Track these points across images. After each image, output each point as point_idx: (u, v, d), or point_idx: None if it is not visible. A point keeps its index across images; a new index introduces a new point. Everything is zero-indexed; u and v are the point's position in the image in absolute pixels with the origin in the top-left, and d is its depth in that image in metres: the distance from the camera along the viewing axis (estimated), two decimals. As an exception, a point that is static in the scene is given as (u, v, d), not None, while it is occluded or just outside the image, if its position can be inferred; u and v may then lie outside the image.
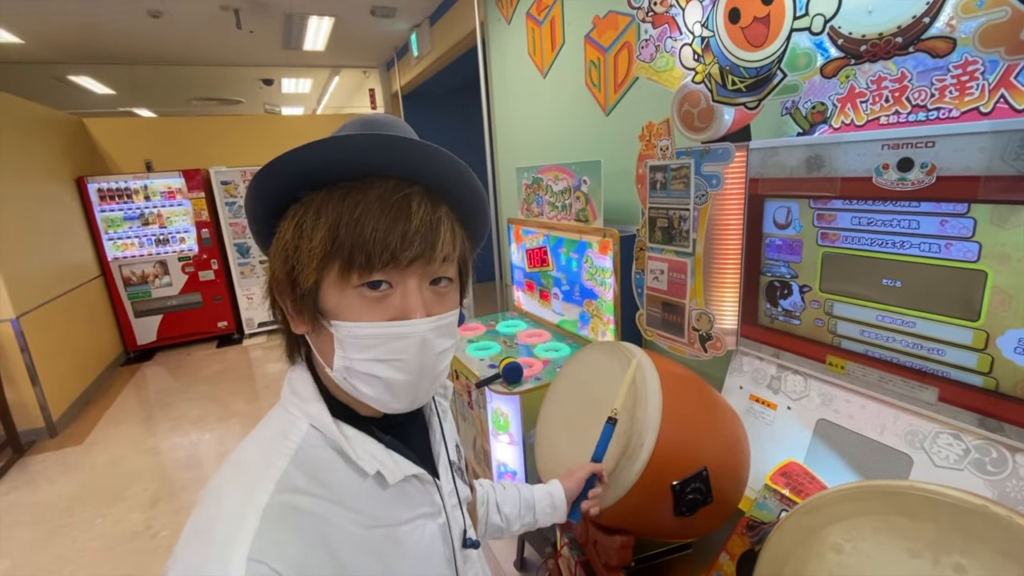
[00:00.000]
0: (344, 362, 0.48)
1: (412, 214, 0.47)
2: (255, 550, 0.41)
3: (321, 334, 0.49)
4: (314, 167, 0.47)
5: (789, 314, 1.14)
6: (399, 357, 0.48)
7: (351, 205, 0.46)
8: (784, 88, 1.00)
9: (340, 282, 0.47)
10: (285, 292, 0.50)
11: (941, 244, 0.86)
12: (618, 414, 0.84)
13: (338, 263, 0.46)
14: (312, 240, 0.46)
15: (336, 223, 0.46)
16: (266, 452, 0.48)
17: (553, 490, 0.86)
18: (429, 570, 0.55)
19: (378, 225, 0.45)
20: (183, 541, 0.44)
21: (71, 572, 2.17)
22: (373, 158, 0.47)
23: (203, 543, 0.42)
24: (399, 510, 0.53)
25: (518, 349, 2.20)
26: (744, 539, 0.95)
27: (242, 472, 0.48)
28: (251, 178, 0.48)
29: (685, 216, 1.30)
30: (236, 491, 0.45)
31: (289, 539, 0.43)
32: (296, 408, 0.52)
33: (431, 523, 0.56)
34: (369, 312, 0.47)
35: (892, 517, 0.56)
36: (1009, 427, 0.80)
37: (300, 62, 5.33)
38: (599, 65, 2.06)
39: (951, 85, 0.83)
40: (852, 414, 1.03)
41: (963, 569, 0.51)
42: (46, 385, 3.39)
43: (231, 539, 0.41)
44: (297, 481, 0.46)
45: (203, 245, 4.98)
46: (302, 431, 0.50)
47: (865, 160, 0.92)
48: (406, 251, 0.46)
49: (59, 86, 5.32)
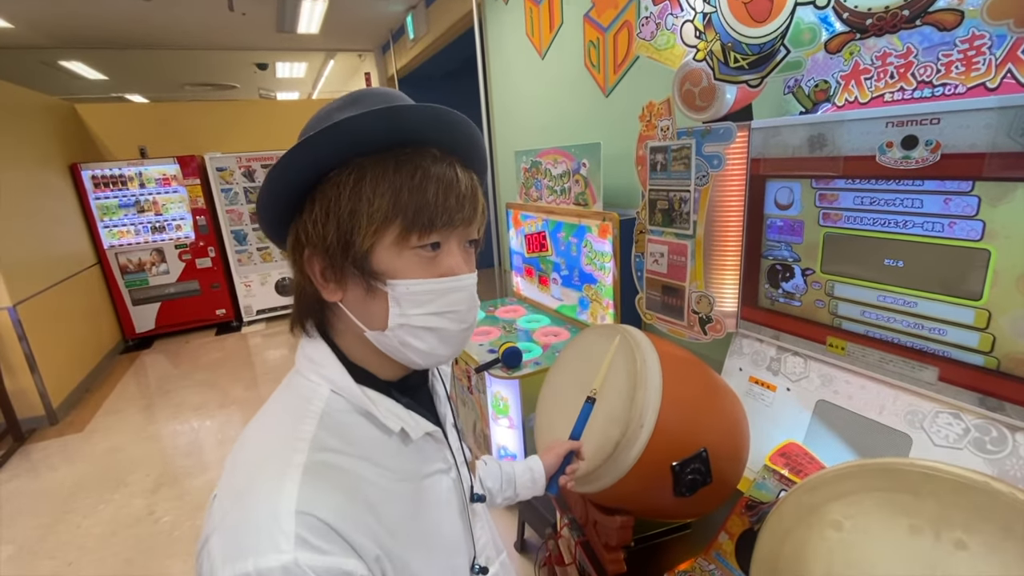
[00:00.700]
0: (400, 319, 0.51)
1: (459, 181, 0.52)
2: (302, 503, 0.43)
3: (374, 296, 0.51)
4: (367, 135, 0.49)
5: (790, 296, 1.13)
6: (454, 309, 0.53)
7: (410, 172, 0.49)
8: (787, 65, 0.98)
9: (398, 244, 0.50)
10: (323, 258, 0.51)
11: (944, 223, 0.85)
12: (597, 393, 0.86)
13: (399, 227, 0.49)
14: (372, 203, 0.48)
15: (399, 188, 0.49)
16: (294, 417, 0.50)
17: (533, 465, 0.90)
18: (445, 522, 0.59)
19: (438, 190, 0.50)
20: (222, 509, 0.45)
21: (76, 557, 2.19)
22: (426, 127, 0.51)
23: (249, 503, 0.44)
24: (420, 465, 0.57)
25: (517, 334, 2.20)
26: (743, 519, 0.96)
27: (273, 438, 0.50)
28: (298, 142, 0.48)
29: (686, 198, 1.28)
30: (272, 455, 0.47)
31: (330, 493, 0.46)
32: (315, 375, 0.53)
33: (446, 478, 0.61)
34: (424, 271, 0.51)
35: (893, 494, 0.56)
36: (1010, 406, 0.80)
37: (294, 46, 5.25)
38: (598, 45, 2.03)
39: (957, 60, 0.82)
40: (852, 395, 1.03)
41: (964, 545, 0.51)
42: (45, 373, 3.39)
43: (277, 495, 0.43)
44: (327, 441, 0.49)
45: (199, 232, 4.94)
46: (324, 396, 0.52)
47: (869, 138, 0.91)
48: (459, 213, 0.51)
49: (50, 71, 5.24)
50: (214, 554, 0.42)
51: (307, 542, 0.42)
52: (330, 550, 0.43)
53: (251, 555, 0.41)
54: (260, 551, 0.41)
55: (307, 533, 0.42)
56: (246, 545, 0.41)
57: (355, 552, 0.44)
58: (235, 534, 0.43)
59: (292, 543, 0.41)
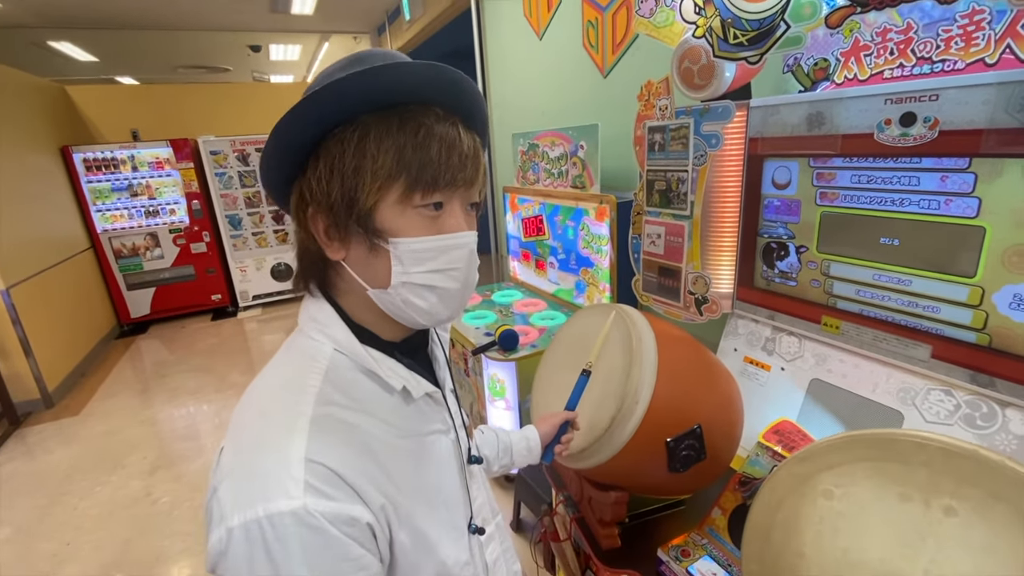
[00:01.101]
0: (403, 277, 0.51)
1: (462, 140, 0.52)
2: (311, 451, 0.44)
3: (377, 254, 0.51)
4: (372, 92, 0.49)
5: (785, 276, 1.13)
6: (454, 266, 0.53)
7: (413, 129, 0.49)
8: (787, 41, 0.97)
9: (401, 202, 0.50)
10: (327, 215, 0.51)
11: (941, 200, 0.85)
12: (592, 366, 0.86)
13: (403, 184, 0.49)
14: (376, 160, 0.49)
15: (402, 145, 0.49)
16: (299, 373, 0.51)
17: (528, 434, 0.91)
18: (446, 478, 0.60)
19: (441, 149, 0.50)
20: (231, 459, 0.46)
21: (73, 537, 2.21)
22: (430, 86, 0.51)
23: (258, 453, 0.45)
24: (420, 423, 0.58)
25: (514, 318, 2.20)
26: (736, 494, 0.97)
27: (280, 391, 0.51)
28: (302, 99, 0.49)
29: (683, 178, 1.28)
30: (280, 408, 0.48)
31: (336, 444, 0.47)
32: (318, 333, 0.54)
33: (444, 438, 0.62)
34: (426, 230, 0.51)
35: (883, 463, 0.57)
36: (1001, 382, 0.81)
37: (288, 27, 5.16)
38: (597, 25, 2.01)
39: (957, 36, 0.81)
40: (845, 373, 1.04)
41: (953, 511, 0.52)
42: (40, 357, 3.38)
43: (287, 445, 0.44)
44: (332, 396, 0.50)
45: (194, 217, 4.91)
46: (327, 354, 0.53)
47: (867, 116, 0.91)
48: (462, 172, 0.51)
49: (39, 53, 5.14)
50: (224, 501, 0.43)
51: (316, 488, 0.43)
52: (337, 496, 0.44)
53: (260, 501, 0.42)
54: (270, 497, 0.42)
55: (316, 480, 0.43)
56: (256, 492, 0.42)
57: (361, 499, 0.46)
58: (245, 482, 0.44)
59: (301, 489, 0.42)
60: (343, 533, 0.44)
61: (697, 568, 0.89)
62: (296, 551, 0.41)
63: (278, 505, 0.41)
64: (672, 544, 0.95)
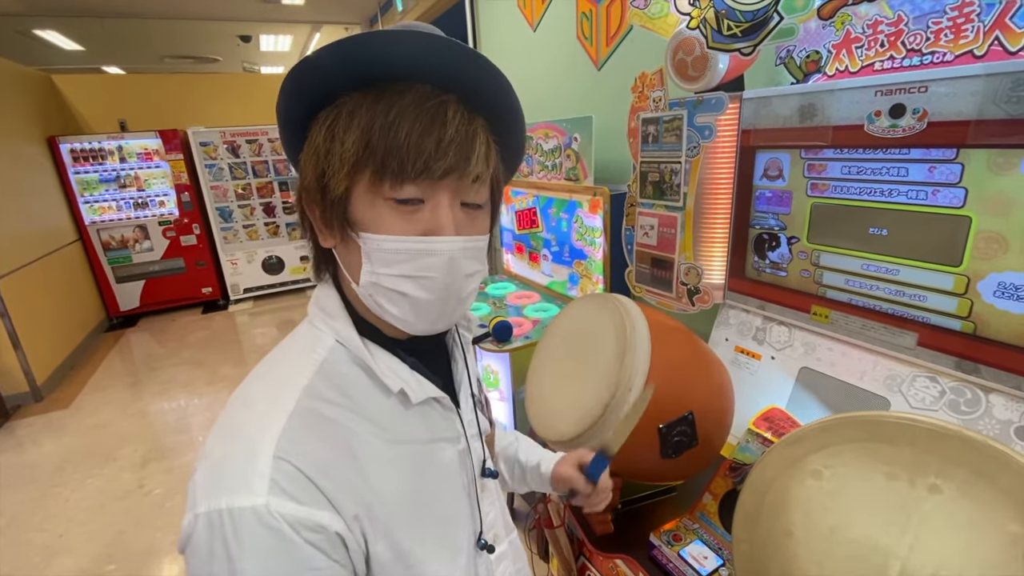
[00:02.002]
0: (371, 277, 0.47)
1: (447, 122, 0.44)
2: (280, 448, 0.42)
3: (349, 247, 0.48)
4: (355, 64, 0.44)
5: (776, 266, 1.15)
6: (427, 275, 0.47)
7: (385, 108, 0.44)
8: (780, 32, 0.98)
9: (371, 191, 0.45)
10: (315, 201, 0.48)
11: (928, 191, 0.86)
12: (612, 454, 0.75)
13: (370, 170, 0.44)
14: (344, 143, 0.44)
15: (369, 126, 0.44)
16: (293, 363, 0.49)
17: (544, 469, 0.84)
18: (444, 493, 0.55)
19: (412, 130, 0.43)
20: (211, 441, 0.45)
21: (65, 530, 2.20)
22: (415, 59, 0.45)
23: (231, 442, 0.44)
24: (420, 430, 0.54)
25: (507, 310, 2.21)
26: (727, 480, 0.99)
27: (269, 380, 0.49)
28: (286, 76, 0.46)
29: (676, 169, 1.29)
30: (264, 396, 0.47)
31: (313, 441, 0.44)
32: (322, 323, 0.52)
33: (450, 448, 0.57)
34: (399, 225, 0.45)
35: (871, 444, 0.58)
36: (984, 368, 0.83)
37: (279, 17, 5.11)
38: (591, 17, 2.00)
39: (947, 28, 0.82)
40: (834, 361, 1.06)
41: (938, 489, 0.54)
42: (28, 350, 3.34)
43: (258, 438, 0.43)
44: (322, 390, 0.47)
45: (184, 209, 4.86)
46: (328, 345, 0.50)
47: (858, 107, 0.92)
48: (440, 160, 0.44)
49: (24, 41, 5.05)
50: (196, 487, 0.42)
51: (282, 488, 0.41)
52: (304, 499, 0.41)
53: (225, 493, 0.40)
54: (234, 490, 0.40)
55: (283, 479, 0.41)
56: (222, 483, 0.41)
57: (332, 505, 0.43)
58: (214, 470, 0.43)
59: (266, 487, 0.40)
60: (306, 540, 0.41)
61: (689, 552, 0.91)
62: (251, 551, 0.39)
63: (240, 500, 0.40)
64: (664, 529, 0.96)
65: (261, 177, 5.10)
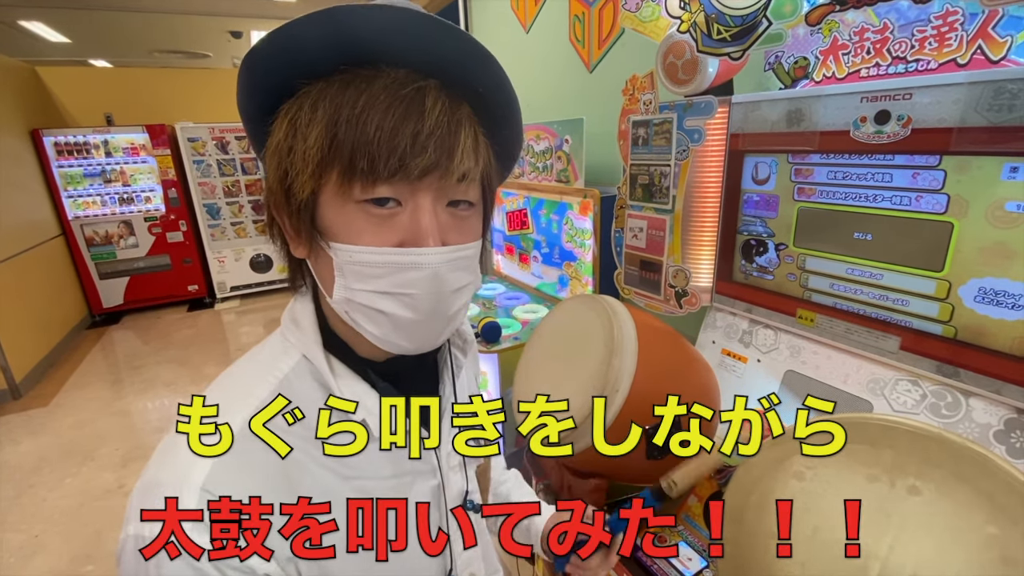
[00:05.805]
0: (344, 292, 0.41)
1: (426, 112, 0.38)
2: (211, 480, 0.39)
3: (320, 257, 0.43)
4: (311, 49, 0.38)
5: (763, 270, 1.16)
6: (407, 291, 0.41)
7: (353, 96, 0.38)
8: (769, 37, 0.99)
9: (340, 194, 0.39)
10: (281, 205, 0.42)
11: (912, 197, 0.88)
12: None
13: (337, 169, 0.38)
14: (307, 139, 0.38)
15: (335, 119, 0.38)
16: (250, 379, 0.45)
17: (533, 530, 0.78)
18: (410, 527, 0.48)
19: (384, 122, 0.37)
20: (153, 457, 0.42)
21: (42, 530, 2.15)
22: (385, 37, 0.38)
23: (166, 465, 0.41)
24: (382, 465, 0.48)
25: (497, 311, 2.21)
26: (711, 482, 0.99)
27: (224, 396, 0.44)
28: (240, 68, 0.40)
29: (666, 172, 1.30)
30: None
31: (249, 472, 0.40)
32: (292, 336, 0.48)
33: (422, 483, 0.51)
34: (373, 233, 0.40)
35: (852, 445, 0.59)
36: (965, 372, 0.84)
37: (270, 13, 5.06)
38: (583, 20, 2.01)
39: (931, 36, 0.84)
40: (818, 364, 1.06)
41: (917, 490, 0.54)
42: (7, 346, 3.27)
43: (190, 466, 0.39)
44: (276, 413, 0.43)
45: (170, 205, 4.80)
46: (292, 361, 0.46)
47: (844, 113, 0.93)
48: (417, 157, 0.38)
49: (8, 32, 4.94)
50: (130, 503, 0.39)
51: (207, 524, 0.37)
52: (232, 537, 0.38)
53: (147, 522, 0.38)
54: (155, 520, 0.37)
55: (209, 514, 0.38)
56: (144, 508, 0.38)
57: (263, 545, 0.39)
58: (142, 493, 0.39)
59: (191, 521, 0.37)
60: None
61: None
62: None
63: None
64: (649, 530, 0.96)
65: (250, 174, 5.05)
